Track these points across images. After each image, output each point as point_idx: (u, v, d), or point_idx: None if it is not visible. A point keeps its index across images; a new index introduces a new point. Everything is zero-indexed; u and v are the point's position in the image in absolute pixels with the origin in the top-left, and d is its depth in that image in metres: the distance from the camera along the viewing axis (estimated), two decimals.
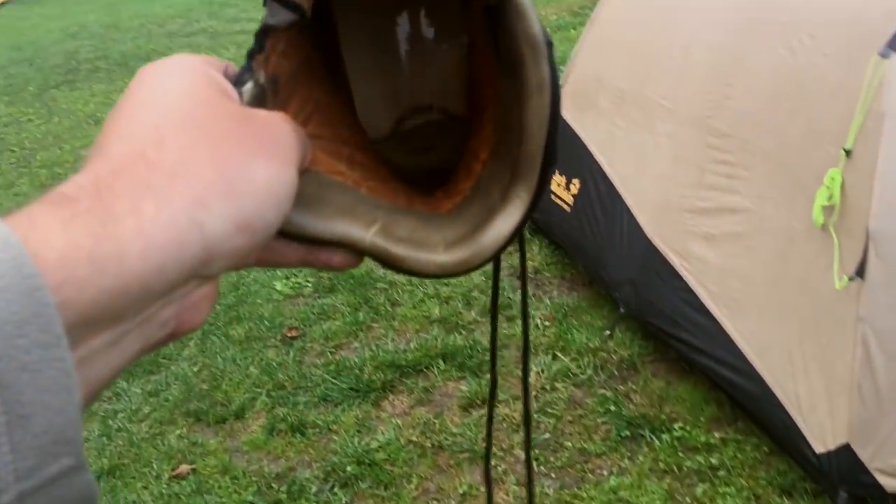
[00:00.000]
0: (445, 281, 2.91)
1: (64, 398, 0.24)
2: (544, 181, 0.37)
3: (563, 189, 2.76)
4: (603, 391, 2.22)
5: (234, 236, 0.29)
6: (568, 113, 2.80)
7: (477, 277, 2.88)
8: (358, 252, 0.39)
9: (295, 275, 3.16)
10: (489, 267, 0.45)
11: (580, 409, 2.18)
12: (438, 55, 0.53)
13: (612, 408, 2.14)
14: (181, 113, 0.30)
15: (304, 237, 0.37)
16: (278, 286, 3.09)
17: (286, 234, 0.36)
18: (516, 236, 0.38)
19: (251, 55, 0.38)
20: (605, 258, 2.49)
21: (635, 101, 2.41)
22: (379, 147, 0.51)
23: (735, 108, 2.03)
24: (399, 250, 0.38)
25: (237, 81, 0.36)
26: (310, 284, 3.08)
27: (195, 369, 2.65)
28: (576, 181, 2.69)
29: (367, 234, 0.38)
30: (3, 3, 12.19)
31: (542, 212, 2.94)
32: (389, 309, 2.82)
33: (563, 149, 2.78)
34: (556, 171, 2.80)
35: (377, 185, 0.43)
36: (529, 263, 2.92)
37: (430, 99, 0.53)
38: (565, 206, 2.73)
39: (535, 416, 2.16)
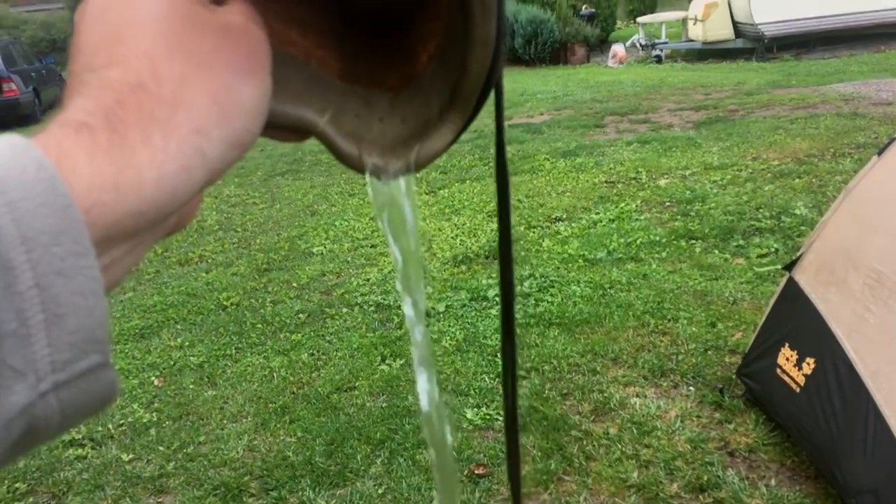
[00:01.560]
0: (646, 442, 2.72)
1: (93, 301, 0.28)
2: (476, 111, 0.43)
3: (792, 366, 2.52)
4: None
5: (228, 154, 0.34)
6: (809, 285, 2.58)
7: (683, 445, 2.66)
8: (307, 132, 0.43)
9: (486, 405, 3.08)
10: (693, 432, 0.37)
11: None
12: None
13: None
14: (167, 38, 0.33)
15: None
16: (469, 414, 3.03)
17: None
18: (443, 152, 0.43)
19: None
20: (841, 456, 2.21)
21: None
22: None
23: None
24: (343, 145, 0.43)
25: None
26: (500, 418, 2.99)
27: (380, 491, 2.61)
28: (810, 360, 2.44)
29: (320, 120, 0.43)
30: None
31: (762, 385, 2.71)
32: (583, 462, 2.66)
33: (799, 322, 2.56)
34: (788, 345, 2.57)
35: (326, 54, 0.45)
36: (742, 439, 2.67)
37: None
38: (794, 386, 2.49)
39: None
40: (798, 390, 2.47)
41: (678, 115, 8.44)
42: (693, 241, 4.60)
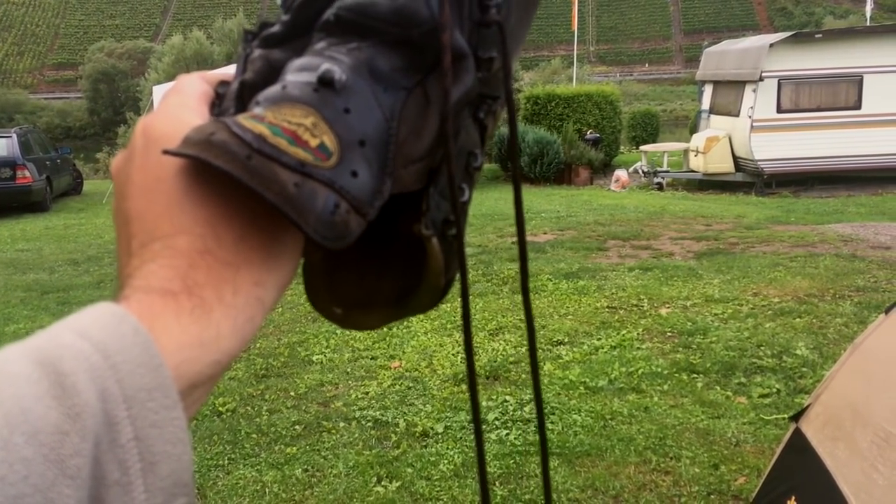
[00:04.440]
0: None
1: (181, 448, 0.32)
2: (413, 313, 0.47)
3: None
4: None
5: (278, 296, 0.39)
6: (814, 436, 2.57)
7: None
8: None
9: None
10: None
11: None
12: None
13: None
14: (219, 203, 0.37)
15: None
16: None
17: None
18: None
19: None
20: None
21: None
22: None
23: None
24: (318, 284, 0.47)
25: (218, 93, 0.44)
26: None
27: None
28: None
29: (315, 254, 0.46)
30: None
31: None
32: None
33: (805, 475, 2.54)
34: (794, 499, 2.54)
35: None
36: None
37: None
38: None
39: None
40: None
41: (679, 243, 8.58)
42: (695, 376, 4.59)
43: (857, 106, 14.25)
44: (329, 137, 0.37)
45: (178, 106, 0.42)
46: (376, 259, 0.48)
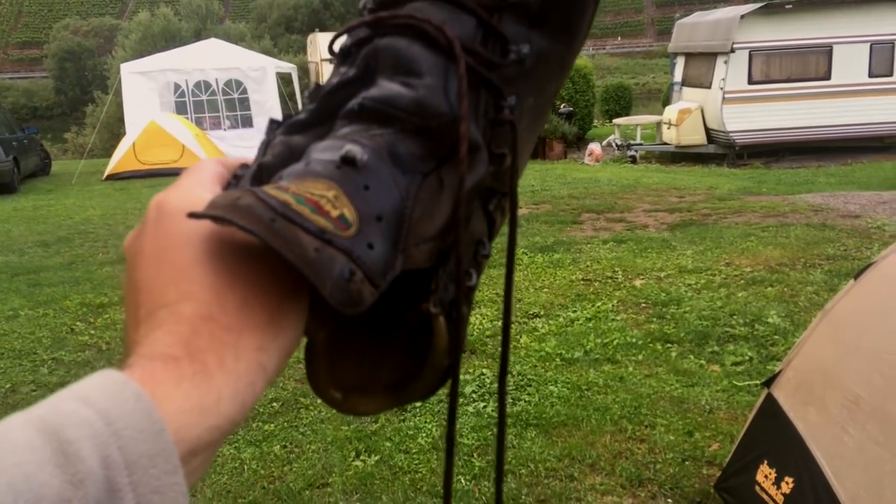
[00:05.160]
0: None
1: None
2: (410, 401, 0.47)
3: (771, 484, 2.53)
4: None
5: (282, 362, 0.39)
6: (786, 401, 2.62)
7: None
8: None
9: None
10: None
11: None
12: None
13: None
14: (227, 271, 0.38)
15: None
16: None
17: None
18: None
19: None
20: None
21: (874, 414, 2.21)
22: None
23: None
24: (319, 362, 0.47)
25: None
26: None
27: None
28: (789, 479, 2.46)
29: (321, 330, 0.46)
30: None
31: (741, 501, 2.71)
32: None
33: (778, 439, 2.58)
34: (767, 463, 2.59)
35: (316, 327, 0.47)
36: None
37: None
38: None
39: None
40: None
41: (653, 215, 8.63)
42: (669, 345, 4.65)
43: (827, 76, 14.37)
44: (349, 210, 0.39)
45: (192, 184, 0.43)
46: (379, 346, 0.49)
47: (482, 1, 0.45)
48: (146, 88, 15.77)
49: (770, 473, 2.54)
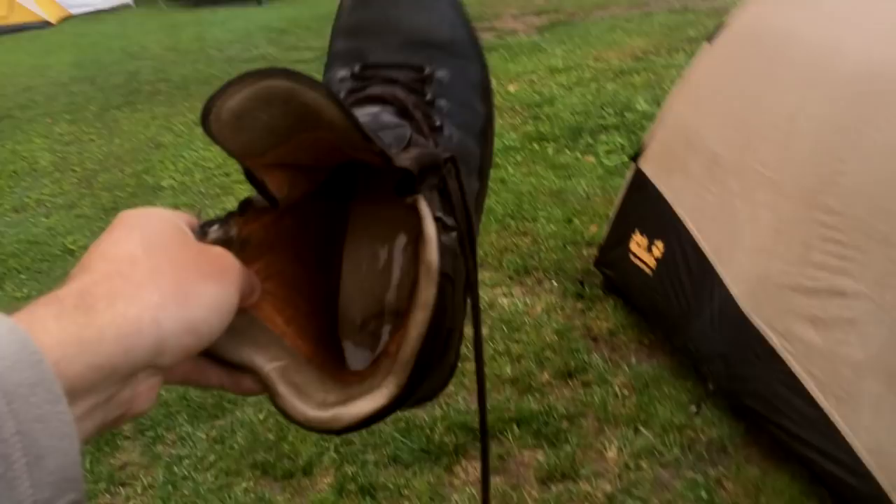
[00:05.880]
0: (516, 338, 2.83)
1: (68, 443, 0.31)
2: (414, 382, 0.43)
3: (644, 250, 2.67)
4: (692, 474, 2.11)
5: (182, 336, 0.38)
6: (652, 172, 2.72)
7: (550, 337, 2.79)
8: (262, 382, 0.45)
9: None
10: (559, 324, 0.89)
11: (668, 493, 2.07)
12: (409, 270, 0.57)
13: (704, 495, 2.03)
14: (153, 245, 0.39)
15: (217, 356, 0.43)
16: None
17: (206, 352, 0.42)
18: (379, 419, 0.44)
19: (230, 215, 0.46)
20: (692, 328, 2.40)
21: (731, 167, 2.33)
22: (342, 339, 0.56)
23: (848, 185, 1.93)
24: (282, 389, 0.44)
25: (203, 226, 0.44)
26: None
27: (261, 416, 2.60)
28: (659, 243, 2.60)
29: (266, 365, 0.45)
30: (64, 19, 12.47)
31: (618, 272, 2.86)
32: (459, 364, 2.74)
33: (647, 208, 2.71)
34: (638, 231, 2.72)
35: (303, 344, 0.48)
36: (603, 324, 2.84)
37: (395, 306, 0.57)
38: (646, 269, 2.65)
39: (620, 497, 2.07)
40: (650, 273, 2.63)
41: (521, 20, 8.51)
42: (545, 143, 4.72)
43: None
44: None
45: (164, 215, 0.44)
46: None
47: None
48: None
49: (642, 241, 2.68)
